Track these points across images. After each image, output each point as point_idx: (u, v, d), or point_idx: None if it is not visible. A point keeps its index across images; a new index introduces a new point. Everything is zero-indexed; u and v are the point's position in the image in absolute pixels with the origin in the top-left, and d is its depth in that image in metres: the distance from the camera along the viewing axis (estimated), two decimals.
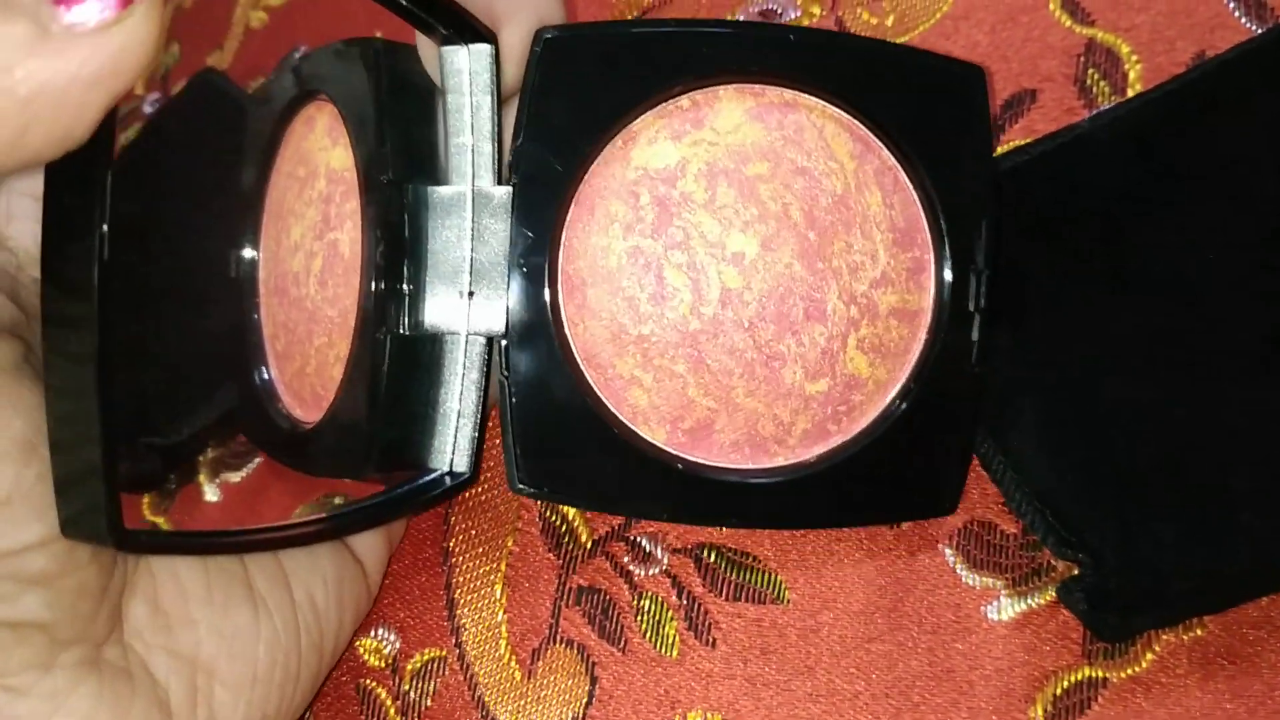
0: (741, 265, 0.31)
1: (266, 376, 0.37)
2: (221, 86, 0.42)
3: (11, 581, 0.26)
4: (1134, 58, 0.36)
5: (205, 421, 0.40)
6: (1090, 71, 0.36)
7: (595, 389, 0.31)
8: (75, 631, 0.27)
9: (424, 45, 0.32)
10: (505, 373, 0.30)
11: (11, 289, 0.29)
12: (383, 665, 0.37)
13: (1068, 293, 0.33)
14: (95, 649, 0.28)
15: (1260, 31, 0.35)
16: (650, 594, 0.35)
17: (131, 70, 0.21)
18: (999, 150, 0.35)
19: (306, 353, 0.35)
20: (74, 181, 0.22)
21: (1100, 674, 0.32)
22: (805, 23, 0.40)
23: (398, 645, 0.37)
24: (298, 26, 0.48)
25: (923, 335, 0.31)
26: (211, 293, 0.39)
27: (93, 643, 0.27)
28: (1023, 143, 0.35)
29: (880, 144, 0.31)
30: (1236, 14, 0.36)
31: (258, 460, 0.41)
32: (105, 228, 0.21)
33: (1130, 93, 0.35)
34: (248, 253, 0.37)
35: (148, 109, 0.49)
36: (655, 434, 0.31)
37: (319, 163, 0.35)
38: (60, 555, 0.26)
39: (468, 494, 0.38)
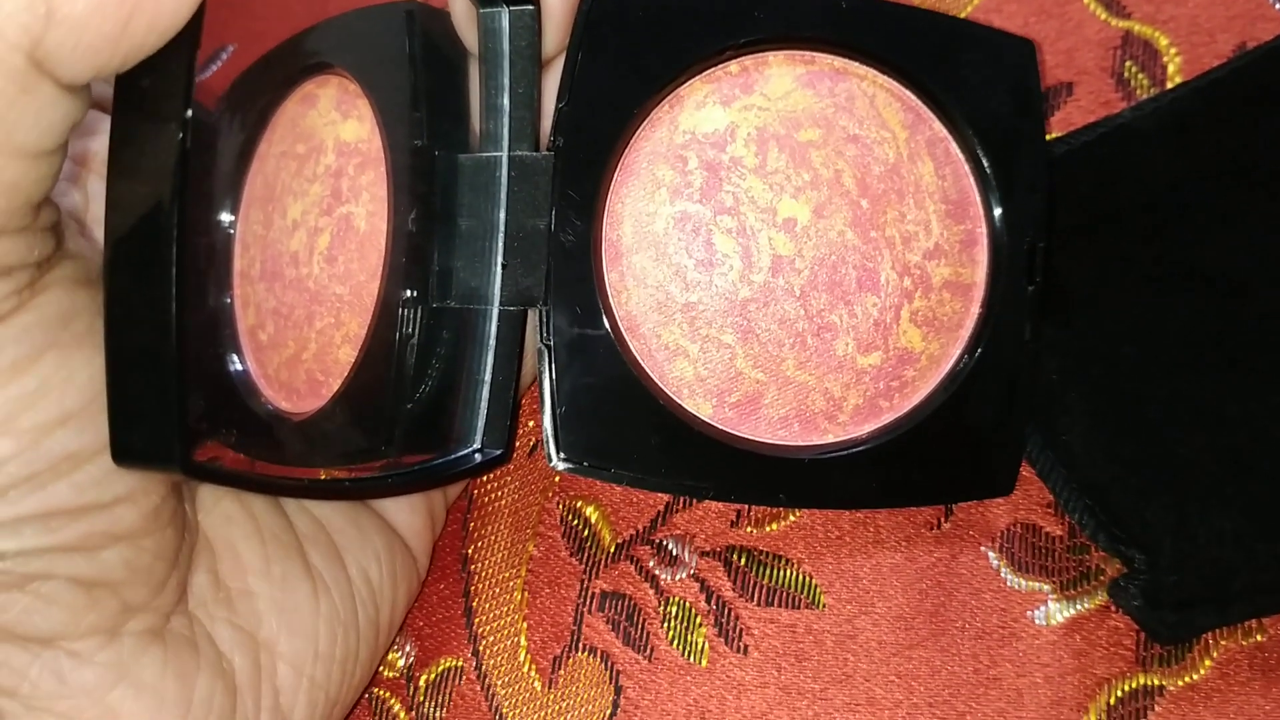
0: (793, 232, 0.30)
1: (242, 369, 0.35)
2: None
3: (100, 535, 0.25)
4: (1173, 50, 0.35)
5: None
6: (1128, 64, 0.35)
7: (639, 360, 0.29)
8: (146, 596, 0.26)
9: (456, 8, 0.31)
10: (546, 341, 0.29)
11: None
12: (396, 676, 0.35)
13: (1113, 288, 0.33)
14: (163, 618, 0.27)
15: None
16: (678, 599, 0.33)
17: None
18: None
19: (304, 337, 0.33)
20: (153, 65, 0.20)
21: (1156, 681, 0.30)
22: None
23: (413, 655, 0.35)
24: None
25: (976, 309, 0.30)
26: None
27: (161, 612, 0.27)
28: (1061, 135, 0.34)
29: (931, 114, 0.30)
30: (1277, 5, 0.35)
31: None
32: (190, 113, 0.20)
33: (1169, 85, 0.35)
34: (220, 239, 0.36)
35: None
36: (701, 408, 0.30)
37: (325, 137, 0.33)
38: (147, 512, 0.25)
39: (488, 498, 0.36)
